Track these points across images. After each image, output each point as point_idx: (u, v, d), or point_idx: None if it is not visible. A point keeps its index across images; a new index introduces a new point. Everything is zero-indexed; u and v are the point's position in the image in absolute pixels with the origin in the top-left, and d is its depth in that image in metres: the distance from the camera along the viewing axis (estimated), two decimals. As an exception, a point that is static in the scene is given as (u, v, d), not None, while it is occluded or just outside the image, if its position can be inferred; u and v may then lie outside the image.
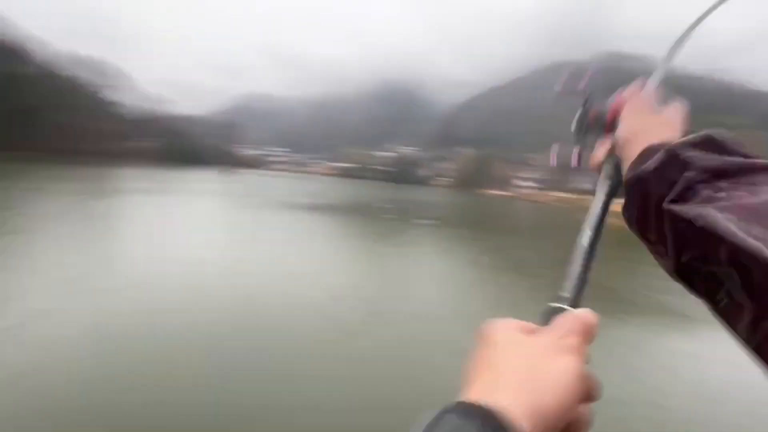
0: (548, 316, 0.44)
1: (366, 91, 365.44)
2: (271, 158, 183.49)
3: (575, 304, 0.48)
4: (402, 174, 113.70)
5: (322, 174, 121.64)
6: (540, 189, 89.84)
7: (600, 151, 0.66)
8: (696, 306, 0.55)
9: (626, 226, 0.58)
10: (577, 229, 0.58)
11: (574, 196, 76.82)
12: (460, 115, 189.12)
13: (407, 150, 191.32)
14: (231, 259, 14.23)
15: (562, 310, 0.44)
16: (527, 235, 31.31)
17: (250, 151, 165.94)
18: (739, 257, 0.36)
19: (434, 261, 17.37)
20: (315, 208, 33.46)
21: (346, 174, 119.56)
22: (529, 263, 17.37)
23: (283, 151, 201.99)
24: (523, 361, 0.36)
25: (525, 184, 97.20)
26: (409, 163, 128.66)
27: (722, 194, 0.43)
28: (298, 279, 12.41)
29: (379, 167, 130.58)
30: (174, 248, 14.86)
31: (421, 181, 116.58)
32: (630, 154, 0.57)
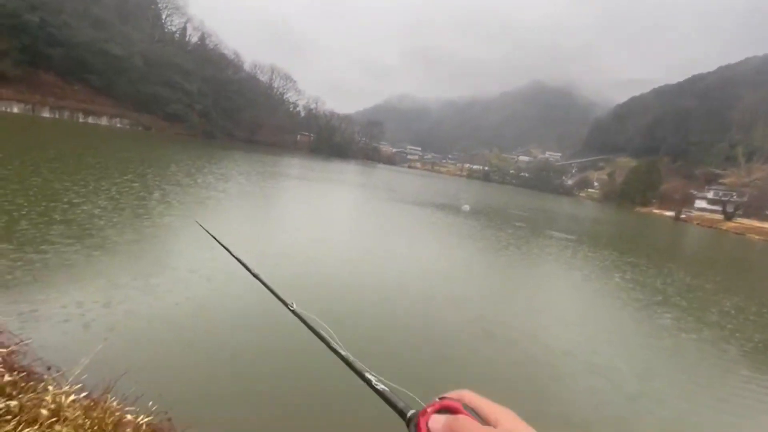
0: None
1: (511, 91, 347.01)
2: (408, 156, 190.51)
3: None
4: (543, 181, 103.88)
5: (458, 175, 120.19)
6: (728, 214, 70.77)
7: None
8: None
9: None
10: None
11: (784, 229, 58.03)
12: (620, 116, 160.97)
13: (551, 155, 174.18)
14: (361, 248, 15.01)
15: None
16: (717, 271, 24.66)
17: (389, 148, 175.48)
18: None
19: (564, 285, 14.89)
20: (443, 207, 32.94)
21: (481, 177, 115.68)
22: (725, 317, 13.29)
23: (419, 150, 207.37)
24: None
25: (707, 207, 77.90)
26: (553, 169, 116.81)
27: None
28: (414, 276, 12.07)
29: (517, 172, 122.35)
30: (312, 229, 17.13)
31: (565, 191, 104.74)
32: None
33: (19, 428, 2.55)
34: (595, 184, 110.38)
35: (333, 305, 8.64)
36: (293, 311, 1.14)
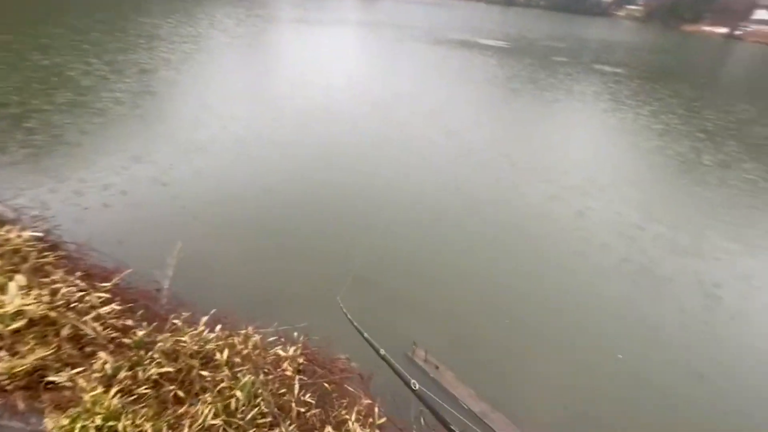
0: None
1: None
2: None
3: None
4: (575, 0, 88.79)
5: (466, 0, 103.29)
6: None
7: None
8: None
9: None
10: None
11: None
12: None
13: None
14: (361, 89, 14.30)
15: None
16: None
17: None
18: None
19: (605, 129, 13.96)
20: (465, 44, 29.21)
21: (503, 1, 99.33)
22: None
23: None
24: None
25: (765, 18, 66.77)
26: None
27: None
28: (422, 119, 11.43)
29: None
30: (311, 74, 16.35)
31: (601, 11, 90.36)
32: None
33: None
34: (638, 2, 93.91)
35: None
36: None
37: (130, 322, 3.28)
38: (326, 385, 2.97)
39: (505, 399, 4.36)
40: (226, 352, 2.87)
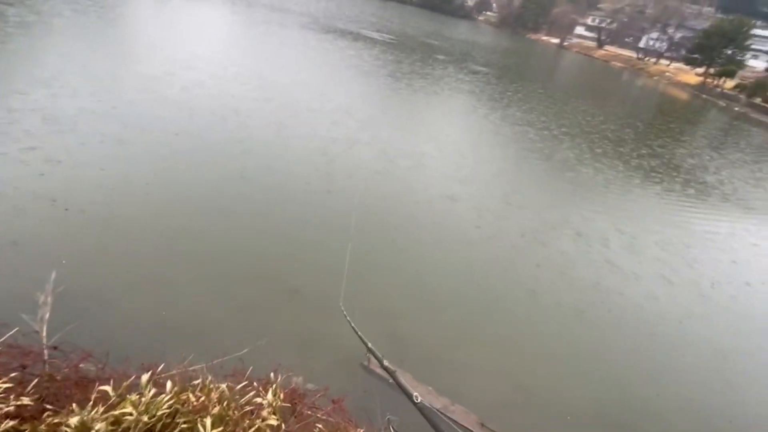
0: None
1: None
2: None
3: None
4: (444, 1, 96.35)
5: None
6: (601, 42, 77.51)
7: None
8: None
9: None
10: None
11: (635, 57, 66.84)
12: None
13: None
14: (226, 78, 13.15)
15: None
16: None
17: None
18: None
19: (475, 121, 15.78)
20: (357, 36, 29.30)
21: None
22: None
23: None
24: None
25: (585, 34, 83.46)
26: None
27: None
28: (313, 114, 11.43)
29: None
30: (173, 62, 14.16)
31: (465, 14, 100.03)
32: None
33: None
34: (494, 5, 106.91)
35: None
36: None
37: (26, 401, 2.41)
38: (319, 426, 2.63)
39: (461, 390, 4.57)
40: (190, 418, 2.31)
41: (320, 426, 2.57)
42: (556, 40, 79.08)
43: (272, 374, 2.75)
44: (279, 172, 8.42)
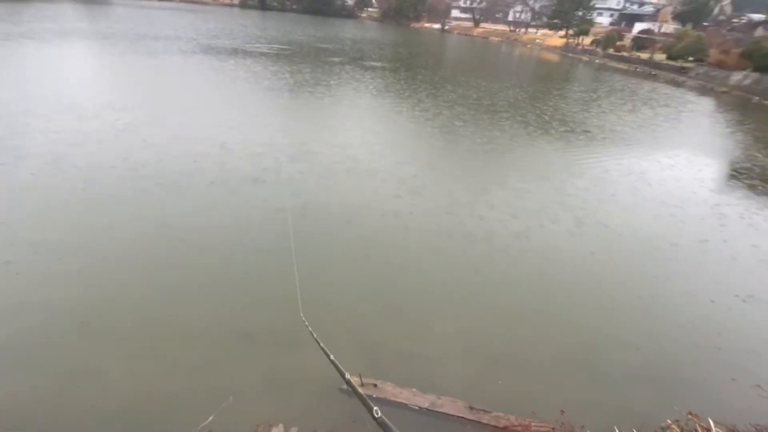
0: None
1: None
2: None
3: None
4: (325, 4, 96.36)
5: (228, 5, 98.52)
6: (476, 21, 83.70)
7: None
8: None
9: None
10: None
11: (508, 29, 73.53)
12: None
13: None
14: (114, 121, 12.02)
15: None
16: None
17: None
18: None
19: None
20: (244, 53, 28.05)
21: (257, 5, 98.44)
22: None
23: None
24: None
25: (461, 16, 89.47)
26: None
27: None
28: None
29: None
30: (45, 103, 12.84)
31: (348, 13, 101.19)
32: None
33: None
34: (373, 1, 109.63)
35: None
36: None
37: None
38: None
39: (440, 381, 4.60)
40: None
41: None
42: (437, 26, 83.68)
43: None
44: (190, 213, 7.74)
